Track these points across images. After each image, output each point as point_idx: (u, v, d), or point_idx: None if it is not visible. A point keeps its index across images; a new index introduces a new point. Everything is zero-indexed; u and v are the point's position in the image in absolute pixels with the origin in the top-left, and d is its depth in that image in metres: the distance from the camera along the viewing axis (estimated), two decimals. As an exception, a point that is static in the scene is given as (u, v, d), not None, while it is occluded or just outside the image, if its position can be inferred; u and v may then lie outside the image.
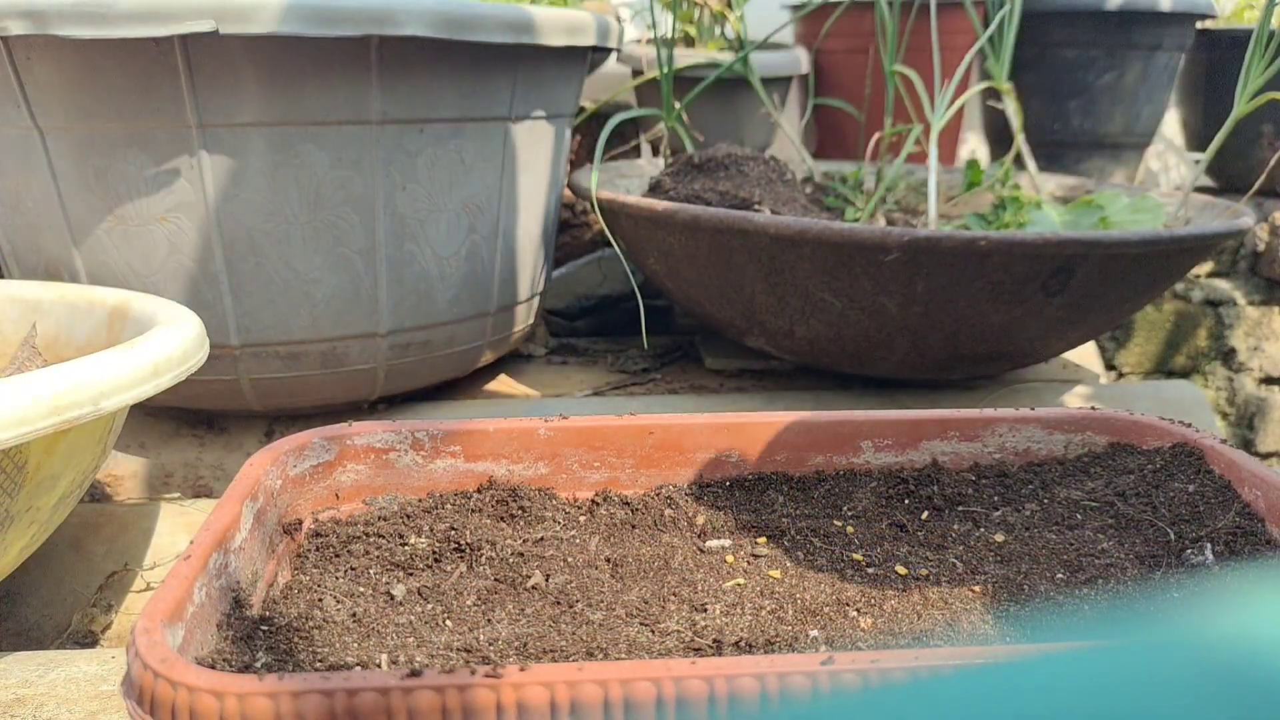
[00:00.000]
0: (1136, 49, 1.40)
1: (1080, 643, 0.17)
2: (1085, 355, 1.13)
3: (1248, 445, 1.39)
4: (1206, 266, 1.41)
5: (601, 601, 0.45)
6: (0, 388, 0.46)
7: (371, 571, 0.47)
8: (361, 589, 0.46)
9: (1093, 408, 0.61)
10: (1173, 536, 0.50)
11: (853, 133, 1.36)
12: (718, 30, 1.34)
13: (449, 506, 0.53)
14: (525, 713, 0.32)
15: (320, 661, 0.39)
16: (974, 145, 1.71)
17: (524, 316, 0.95)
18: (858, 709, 0.16)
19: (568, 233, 1.35)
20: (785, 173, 1.02)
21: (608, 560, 0.49)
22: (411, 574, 0.48)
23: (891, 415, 0.59)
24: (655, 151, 1.21)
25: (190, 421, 0.88)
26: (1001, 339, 0.85)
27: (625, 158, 1.32)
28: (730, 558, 0.50)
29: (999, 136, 1.49)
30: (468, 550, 0.49)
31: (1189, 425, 0.58)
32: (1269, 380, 1.40)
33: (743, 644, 0.42)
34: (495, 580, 0.47)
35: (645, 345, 1.06)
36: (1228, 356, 1.39)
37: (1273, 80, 0.90)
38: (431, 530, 0.51)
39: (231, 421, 0.88)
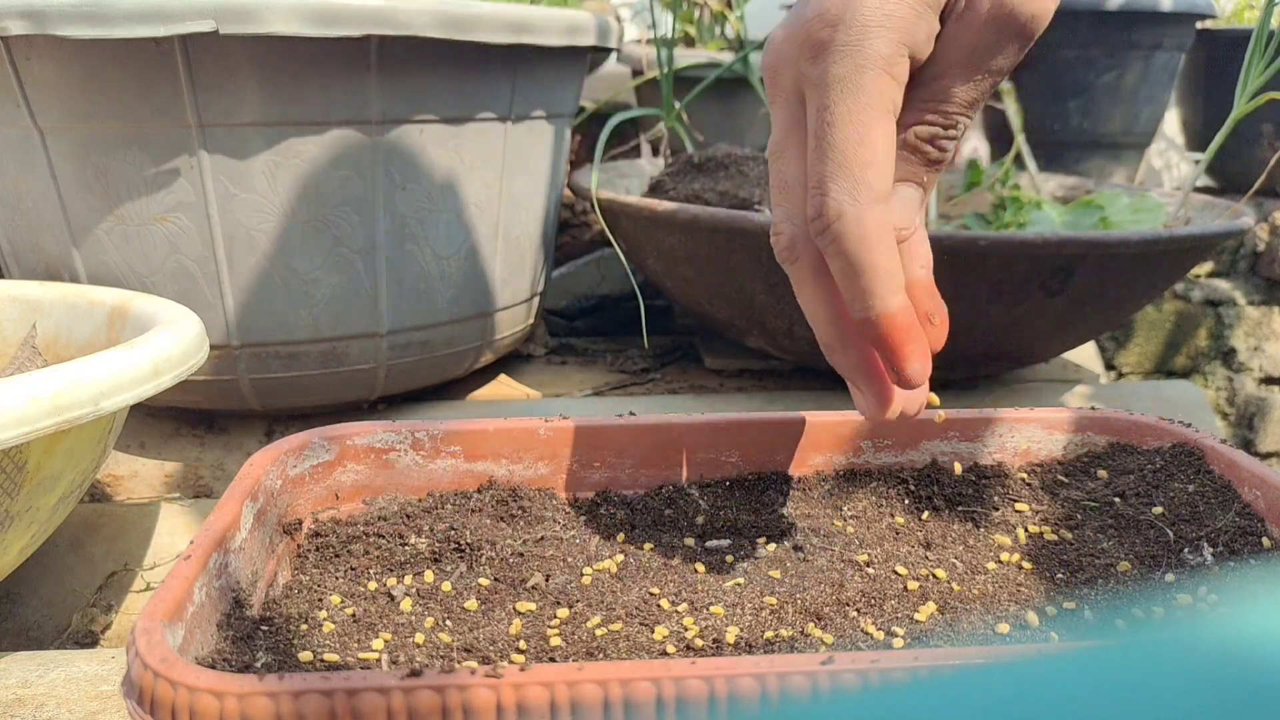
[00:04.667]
0: (1136, 49, 1.40)
1: (1080, 643, 0.17)
2: (1085, 355, 1.13)
3: (1248, 445, 1.39)
4: (1206, 266, 1.41)
5: (601, 601, 0.45)
6: (0, 388, 0.46)
7: (371, 571, 0.47)
8: (361, 589, 0.46)
9: (1093, 408, 0.61)
10: (1172, 536, 0.50)
11: (853, 133, 1.36)
12: (718, 30, 1.34)
13: (449, 506, 0.53)
14: (525, 713, 0.32)
15: (320, 661, 0.39)
16: (974, 145, 1.71)
17: (524, 316, 0.95)
18: (858, 709, 0.16)
19: (568, 233, 1.35)
20: (785, 173, 1.02)
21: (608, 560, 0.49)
22: (412, 574, 0.48)
23: (891, 415, 0.59)
24: (655, 151, 1.21)
25: (190, 421, 0.88)
26: (1001, 339, 0.85)
27: (625, 158, 1.32)
28: (730, 558, 0.50)
29: (999, 136, 1.49)
30: (468, 550, 0.49)
31: (1189, 425, 0.58)
32: (1269, 380, 1.40)
33: (743, 644, 0.42)
34: (495, 580, 0.47)
35: (645, 345, 1.06)
36: (1228, 356, 1.39)
37: (1273, 80, 0.90)
38: (431, 530, 0.51)
39: (231, 421, 0.88)
